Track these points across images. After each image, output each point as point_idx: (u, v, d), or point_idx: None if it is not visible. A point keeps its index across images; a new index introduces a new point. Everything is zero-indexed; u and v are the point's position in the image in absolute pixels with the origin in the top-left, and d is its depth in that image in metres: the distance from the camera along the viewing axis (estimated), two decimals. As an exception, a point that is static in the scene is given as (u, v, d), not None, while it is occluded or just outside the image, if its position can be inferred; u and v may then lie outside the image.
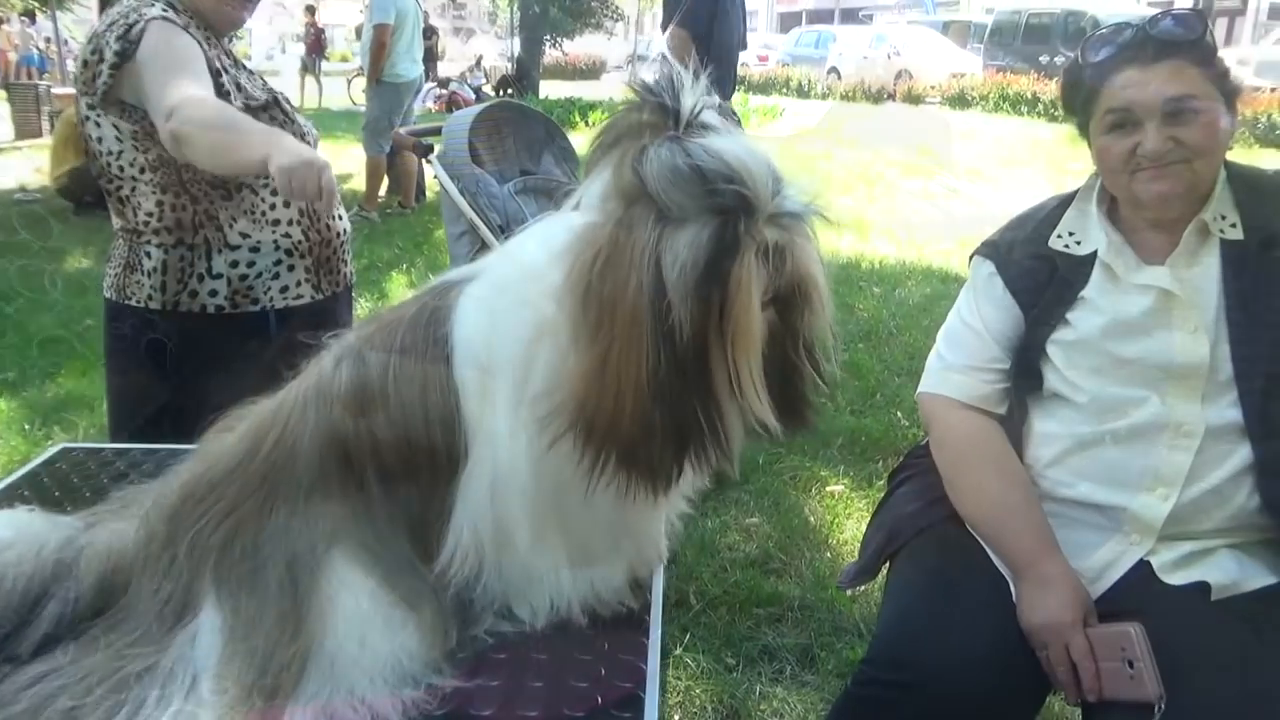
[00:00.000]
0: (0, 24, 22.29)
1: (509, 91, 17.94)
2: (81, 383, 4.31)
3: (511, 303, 1.05)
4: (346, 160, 9.65)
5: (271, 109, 2.03)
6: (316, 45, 20.32)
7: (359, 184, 8.21)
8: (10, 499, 1.42)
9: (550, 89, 18.42)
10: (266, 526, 1.02)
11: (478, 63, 20.99)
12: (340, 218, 2.21)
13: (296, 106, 2.21)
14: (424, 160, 3.69)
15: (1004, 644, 1.43)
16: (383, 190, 8.21)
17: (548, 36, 20.71)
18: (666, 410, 0.96)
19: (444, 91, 15.87)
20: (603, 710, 1.03)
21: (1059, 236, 1.59)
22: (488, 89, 18.52)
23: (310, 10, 21.56)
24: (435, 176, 3.50)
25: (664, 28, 4.54)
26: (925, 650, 1.41)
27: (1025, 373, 1.59)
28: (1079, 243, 1.57)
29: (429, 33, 14.18)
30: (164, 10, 1.89)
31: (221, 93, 1.92)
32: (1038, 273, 1.59)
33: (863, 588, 2.31)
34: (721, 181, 0.94)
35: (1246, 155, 10.92)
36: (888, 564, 1.69)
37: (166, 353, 2.03)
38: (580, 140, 3.96)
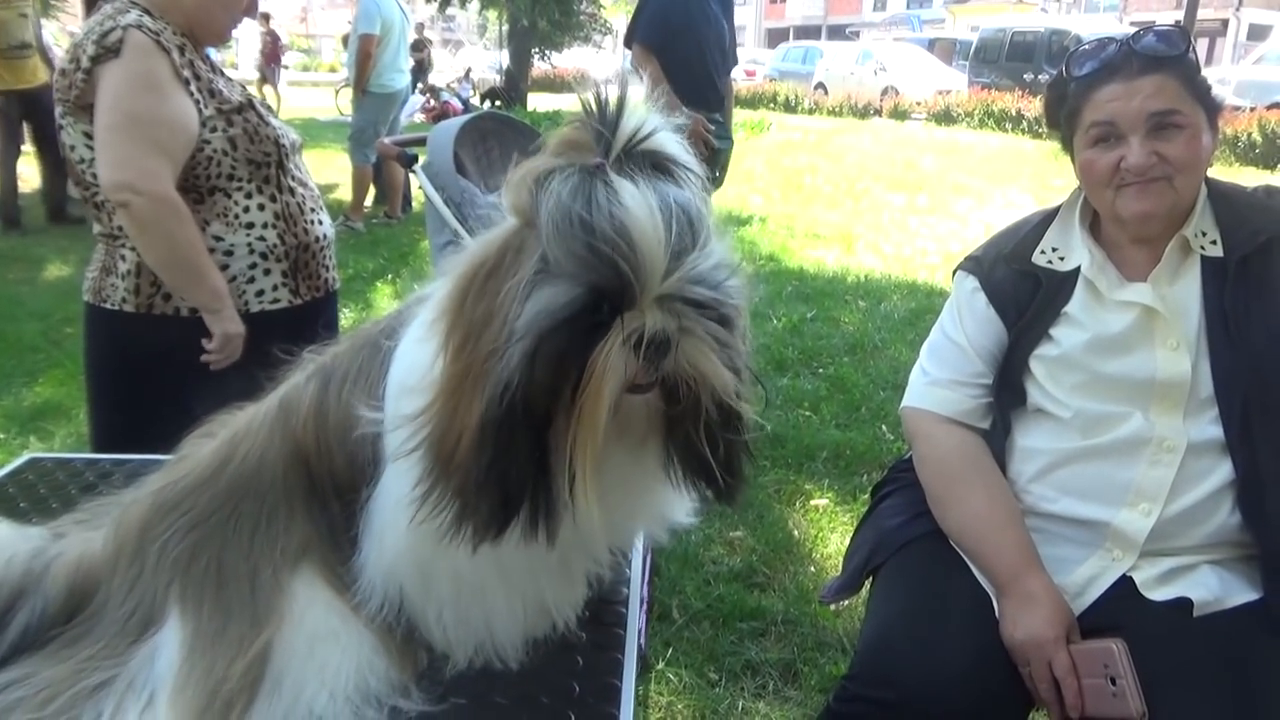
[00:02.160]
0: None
1: (496, 103, 17.97)
2: (59, 391, 4.26)
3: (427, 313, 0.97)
4: (333, 170, 9.62)
5: (245, 110, 2.03)
6: (274, 54, 19.61)
7: (345, 194, 8.19)
8: (-25, 510, 1.39)
9: (538, 101, 18.46)
10: (232, 541, 1.00)
11: (466, 74, 21.01)
12: (320, 222, 2.19)
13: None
14: (408, 170, 3.68)
15: (986, 660, 1.42)
16: (369, 200, 8.19)
17: (536, 49, 20.76)
18: (494, 463, 0.86)
19: (435, 103, 15.85)
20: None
21: (1042, 252, 1.59)
22: (475, 100, 18.53)
23: (265, 18, 21.00)
24: (420, 187, 3.49)
25: (627, 44, 4.59)
26: (907, 666, 1.40)
27: (1008, 388, 1.59)
28: (1062, 259, 1.58)
29: (420, 45, 14.16)
30: (139, 17, 1.89)
31: (190, 101, 1.93)
32: (1021, 288, 1.59)
33: (846, 602, 2.30)
34: (606, 252, 0.81)
35: (1226, 173, 11.04)
36: (870, 579, 1.68)
37: (143, 356, 2.02)
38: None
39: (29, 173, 7.96)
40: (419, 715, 0.99)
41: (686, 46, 4.31)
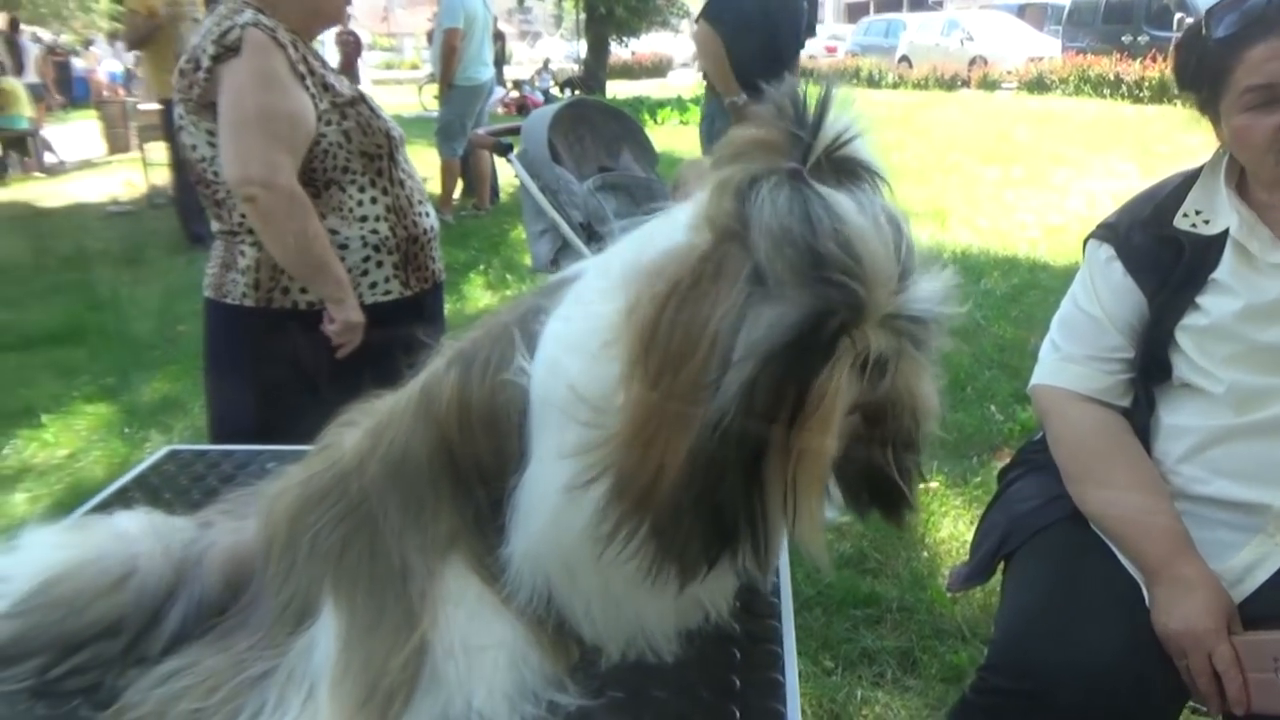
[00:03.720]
0: (88, 45, 23.19)
1: (575, 92, 18.06)
2: (175, 386, 4.44)
3: (587, 314, 0.92)
4: (420, 165, 9.78)
5: (358, 104, 2.07)
6: (355, 55, 17.00)
7: (434, 187, 8.33)
8: (121, 502, 1.44)
9: (616, 88, 18.48)
10: (382, 531, 1.00)
11: (545, 65, 21.16)
12: (427, 214, 2.23)
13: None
14: (505, 159, 3.71)
15: (1136, 650, 1.35)
16: (457, 193, 8.30)
17: (614, 36, 20.77)
18: (704, 499, 0.81)
19: (516, 94, 15.99)
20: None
21: (1185, 216, 1.50)
22: (555, 90, 18.65)
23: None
24: (516, 175, 3.52)
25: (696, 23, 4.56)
26: (1049, 656, 1.34)
27: (1152, 362, 1.51)
28: (1207, 221, 1.48)
29: (495, 37, 14.23)
30: (255, 16, 1.93)
31: (307, 95, 1.96)
32: (1162, 255, 1.50)
33: (965, 589, 2.23)
34: (835, 269, 0.76)
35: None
36: (1002, 565, 1.62)
37: (262, 350, 2.07)
38: (653, 137, 3.93)
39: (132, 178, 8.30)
40: (577, 709, 0.97)
41: (760, 28, 4.23)
